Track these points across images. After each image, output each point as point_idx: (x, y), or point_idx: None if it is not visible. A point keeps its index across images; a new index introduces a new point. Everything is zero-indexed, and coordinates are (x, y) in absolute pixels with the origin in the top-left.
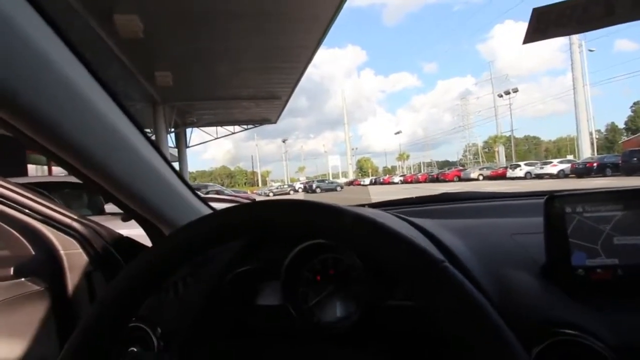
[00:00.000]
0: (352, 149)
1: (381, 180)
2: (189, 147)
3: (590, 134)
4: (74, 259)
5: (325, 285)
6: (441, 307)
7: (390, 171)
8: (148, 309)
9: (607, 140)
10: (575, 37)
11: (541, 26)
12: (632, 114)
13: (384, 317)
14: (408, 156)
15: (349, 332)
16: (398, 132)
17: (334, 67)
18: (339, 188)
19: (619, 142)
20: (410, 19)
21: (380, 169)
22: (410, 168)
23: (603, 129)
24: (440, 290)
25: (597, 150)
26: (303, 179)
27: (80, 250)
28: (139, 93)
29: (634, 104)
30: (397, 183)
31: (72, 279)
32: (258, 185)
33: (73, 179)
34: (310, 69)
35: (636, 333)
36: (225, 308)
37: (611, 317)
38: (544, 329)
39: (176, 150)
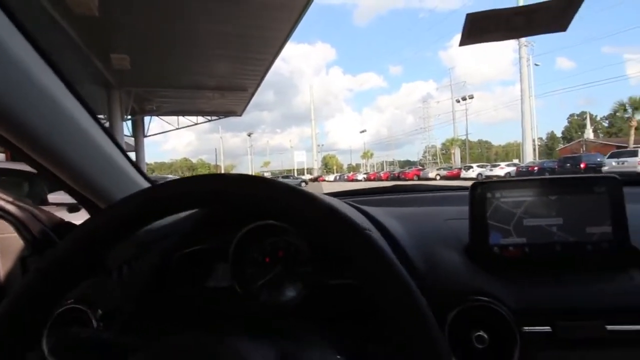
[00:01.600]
0: (318, 146)
1: (345, 177)
2: (147, 136)
3: (533, 140)
4: (7, 243)
5: (274, 267)
6: (363, 271)
7: (355, 169)
8: (90, 290)
9: (547, 147)
10: (524, 52)
11: (474, 31)
12: (568, 124)
13: (327, 296)
14: (372, 154)
15: (294, 311)
16: (363, 131)
17: (303, 62)
18: (303, 184)
19: (557, 149)
20: (380, 21)
21: (345, 166)
22: (374, 166)
23: (544, 137)
24: (363, 255)
25: (539, 156)
26: (268, 174)
27: (16, 234)
28: (91, 75)
29: (570, 115)
30: (360, 180)
31: (4, 264)
32: None
33: (12, 166)
34: (279, 63)
35: (534, 299)
36: (170, 289)
37: (516, 287)
38: (460, 296)
39: (133, 139)
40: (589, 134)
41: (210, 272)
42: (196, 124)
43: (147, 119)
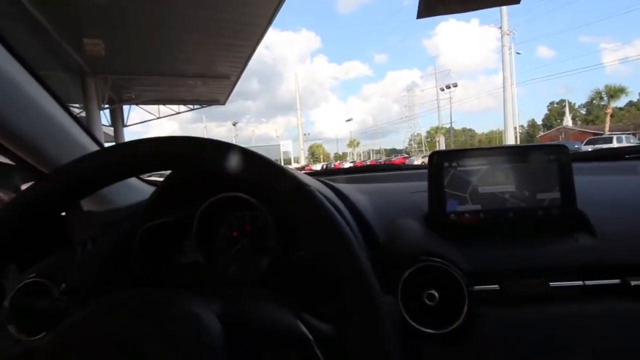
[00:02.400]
0: (305, 135)
1: (332, 166)
2: (126, 126)
3: (515, 128)
4: None
5: (241, 241)
6: (305, 226)
7: (342, 157)
8: (52, 265)
9: (528, 134)
10: (506, 39)
11: (430, 3)
12: (547, 112)
13: (291, 269)
14: (358, 143)
15: (258, 282)
16: (349, 120)
17: (287, 50)
18: None
19: (537, 136)
20: (364, 9)
21: (332, 155)
22: (360, 155)
23: (525, 125)
24: (304, 209)
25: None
26: None
27: None
28: (63, 62)
29: (550, 103)
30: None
31: None
32: None
33: None
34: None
35: (484, 261)
36: (134, 264)
37: (469, 250)
38: (413, 258)
39: (112, 129)
40: (568, 121)
41: (175, 247)
42: (178, 113)
43: (126, 108)
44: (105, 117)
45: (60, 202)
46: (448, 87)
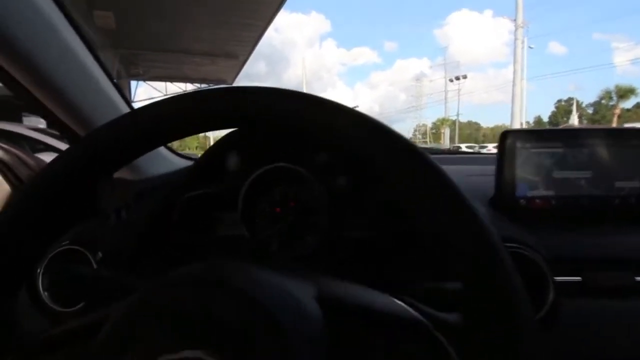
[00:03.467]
0: None
1: None
2: (133, 102)
3: (521, 124)
4: None
5: (285, 217)
6: (422, 193)
7: None
8: (86, 233)
9: None
10: (519, 32)
11: None
12: (555, 110)
13: (341, 248)
14: None
15: (306, 262)
16: (355, 107)
17: (296, 33)
18: None
19: None
20: None
21: None
22: None
23: (532, 121)
24: (421, 175)
25: None
26: None
27: (1, 178)
28: None
29: (557, 101)
30: None
31: None
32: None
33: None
34: (271, 33)
35: (562, 250)
36: (174, 234)
37: (545, 237)
38: None
39: None
40: (574, 120)
41: (214, 220)
42: (185, 91)
43: (133, 83)
44: None
45: (106, 163)
46: (457, 78)
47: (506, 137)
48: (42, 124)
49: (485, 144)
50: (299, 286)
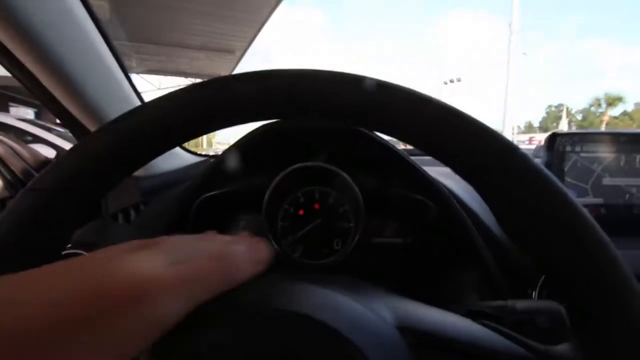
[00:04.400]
0: None
1: None
2: None
3: (512, 128)
4: None
5: (309, 220)
6: (546, 222)
7: None
8: (93, 235)
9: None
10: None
11: None
12: (545, 115)
13: (370, 255)
14: None
15: (331, 270)
16: None
17: (294, 29)
18: None
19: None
20: None
21: None
22: None
23: (522, 126)
24: (545, 199)
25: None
26: None
27: None
28: None
29: (548, 106)
30: None
31: None
32: (202, 147)
33: None
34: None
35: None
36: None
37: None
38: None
39: None
40: (564, 126)
41: (230, 222)
42: (179, 86)
43: None
44: None
45: (125, 160)
46: (452, 81)
47: (554, 139)
48: (29, 114)
49: None
50: (376, 312)
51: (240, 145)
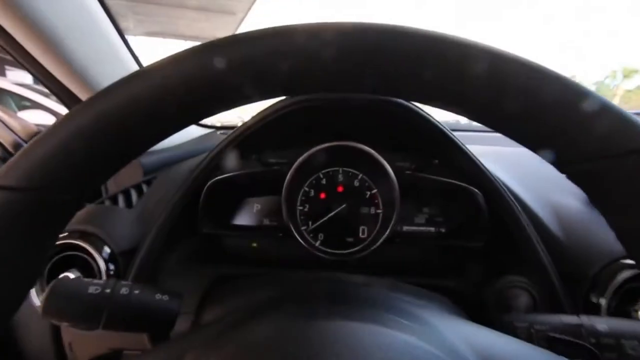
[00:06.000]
0: None
1: None
2: None
3: None
4: None
5: (332, 205)
6: None
7: None
8: (89, 220)
9: None
10: None
11: None
12: None
13: (400, 246)
14: None
15: (359, 264)
16: None
17: None
18: None
19: None
20: None
21: None
22: None
23: None
24: None
25: None
26: None
27: None
28: None
29: None
30: None
31: None
32: None
33: None
34: None
35: None
36: (198, 225)
37: None
38: (612, 262)
39: None
40: None
41: (245, 206)
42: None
43: None
44: None
45: (121, 133)
46: None
47: None
48: (28, 79)
49: None
50: (457, 353)
51: (259, 121)
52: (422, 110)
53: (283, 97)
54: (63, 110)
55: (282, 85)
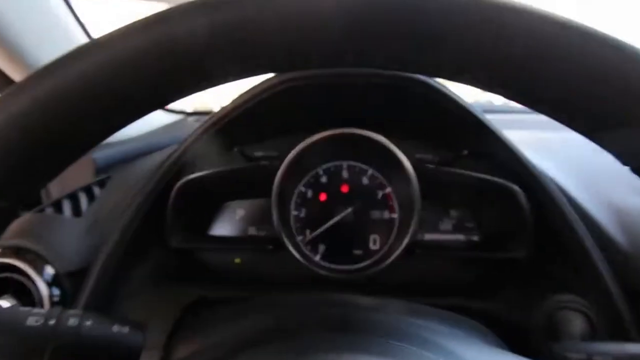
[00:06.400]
0: None
1: None
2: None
3: None
4: None
5: (335, 209)
6: None
7: None
8: (26, 233)
9: None
10: None
11: None
12: None
13: (424, 258)
14: None
15: (369, 282)
16: None
17: None
18: None
19: None
20: None
21: None
22: None
23: None
24: None
25: None
26: None
27: None
28: None
29: None
30: None
31: None
32: None
33: None
34: None
35: None
36: (165, 236)
37: None
38: None
39: None
40: None
41: (225, 211)
42: None
43: None
44: None
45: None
46: None
47: None
48: None
49: None
50: None
51: (242, 104)
52: (447, 88)
53: (272, 75)
54: None
55: (274, 57)
